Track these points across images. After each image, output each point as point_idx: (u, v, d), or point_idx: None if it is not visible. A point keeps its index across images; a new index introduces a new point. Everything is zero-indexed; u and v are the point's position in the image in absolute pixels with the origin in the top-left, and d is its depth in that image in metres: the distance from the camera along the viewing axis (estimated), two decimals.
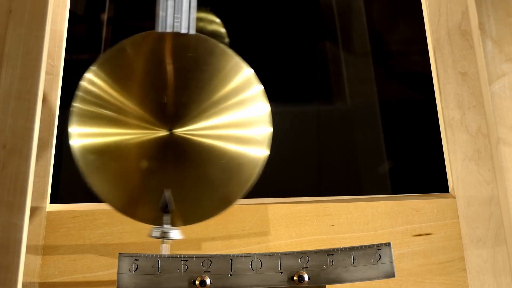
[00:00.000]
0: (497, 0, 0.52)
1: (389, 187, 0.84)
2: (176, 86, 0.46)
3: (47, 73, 0.52)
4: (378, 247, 0.45)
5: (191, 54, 0.46)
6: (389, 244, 0.45)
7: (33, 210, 0.51)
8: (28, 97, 0.46)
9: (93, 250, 0.52)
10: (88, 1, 0.90)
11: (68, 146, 0.79)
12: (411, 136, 0.85)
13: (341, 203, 0.55)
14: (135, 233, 0.52)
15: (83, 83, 0.46)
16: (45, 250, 0.51)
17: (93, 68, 0.46)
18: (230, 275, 0.43)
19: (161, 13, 0.46)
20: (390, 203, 0.55)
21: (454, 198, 0.55)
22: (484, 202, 0.54)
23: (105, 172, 0.45)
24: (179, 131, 0.45)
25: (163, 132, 0.45)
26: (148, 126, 0.45)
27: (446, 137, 0.56)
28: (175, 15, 0.46)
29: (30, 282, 0.50)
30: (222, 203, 0.46)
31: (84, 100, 0.46)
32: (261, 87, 0.47)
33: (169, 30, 0.46)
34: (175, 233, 0.45)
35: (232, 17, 0.90)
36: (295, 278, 0.43)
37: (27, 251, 0.48)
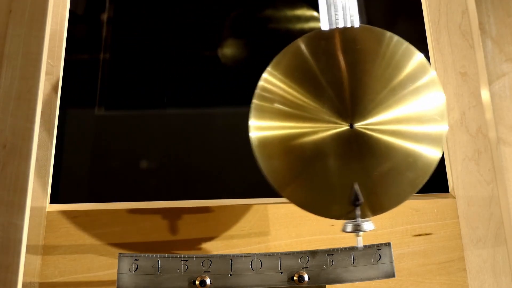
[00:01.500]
0: (497, 0, 0.52)
1: None
2: (351, 80, 0.46)
3: (47, 73, 0.52)
4: (378, 247, 0.45)
5: (360, 46, 0.47)
6: (389, 244, 0.45)
7: (33, 210, 0.51)
8: (28, 97, 0.46)
9: (93, 250, 0.52)
10: (88, 1, 0.90)
11: (68, 146, 0.79)
12: None
13: None
14: (135, 233, 0.52)
15: (262, 83, 0.46)
16: (45, 250, 0.51)
17: (269, 69, 0.47)
18: (230, 275, 0.43)
19: (324, 11, 0.48)
20: None
21: (454, 198, 0.55)
22: (484, 202, 0.54)
23: (287, 169, 0.45)
24: (359, 125, 0.45)
25: (344, 127, 0.45)
26: (329, 119, 0.45)
27: (446, 137, 0.56)
28: (338, 11, 0.47)
29: (30, 282, 0.50)
30: (409, 187, 0.45)
31: (263, 97, 0.46)
32: (434, 73, 0.47)
33: (334, 26, 0.47)
34: (368, 225, 0.44)
35: (239, 17, 0.90)
36: (295, 278, 0.43)
37: (27, 251, 0.48)
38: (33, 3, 0.48)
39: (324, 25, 0.48)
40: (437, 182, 0.59)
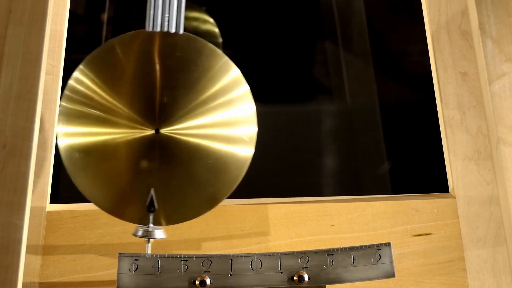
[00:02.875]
0: (497, 0, 0.52)
1: (389, 187, 0.84)
2: (164, 86, 0.46)
3: (47, 73, 0.52)
4: (378, 247, 0.45)
5: (180, 53, 0.46)
6: (389, 244, 0.45)
7: (33, 210, 0.51)
8: (28, 97, 0.46)
9: (93, 250, 0.52)
10: (88, 1, 0.90)
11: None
12: (411, 136, 0.85)
13: (341, 203, 0.55)
14: None
15: (71, 82, 0.46)
16: (45, 250, 0.51)
17: (81, 67, 0.46)
18: (230, 275, 0.43)
19: (150, 12, 0.46)
20: (390, 203, 0.55)
21: (454, 198, 0.55)
22: (484, 202, 0.54)
23: (91, 171, 0.45)
24: (165, 130, 0.45)
25: (150, 131, 0.45)
26: (135, 125, 0.45)
27: (446, 137, 0.56)
28: (164, 14, 0.46)
29: (30, 282, 0.50)
30: (208, 202, 0.46)
31: (71, 99, 0.46)
32: (247, 87, 0.47)
33: (158, 29, 0.46)
34: (159, 233, 0.45)
35: (240, 17, 0.90)
36: (295, 278, 0.43)
37: (27, 251, 0.48)
38: (33, 3, 0.48)
39: (150, 26, 0.46)
40: (437, 182, 0.59)
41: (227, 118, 0.46)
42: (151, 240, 0.45)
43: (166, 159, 0.45)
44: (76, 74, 0.46)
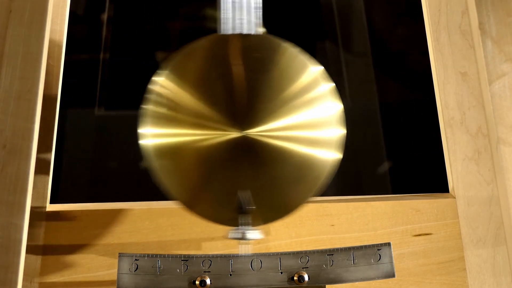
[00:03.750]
0: (497, 0, 0.52)
1: (389, 187, 0.84)
2: (244, 87, 0.46)
3: (47, 73, 0.52)
4: (378, 247, 0.45)
5: (257, 54, 0.47)
6: (389, 244, 0.45)
7: (33, 210, 0.51)
8: (28, 97, 0.46)
9: (93, 250, 0.52)
10: (88, 1, 0.90)
11: (68, 146, 0.79)
12: (411, 136, 0.85)
13: (341, 203, 0.55)
14: (135, 233, 0.52)
15: (153, 86, 0.46)
16: (45, 250, 0.51)
17: (162, 71, 0.46)
18: (230, 275, 0.43)
19: (224, 15, 0.47)
20: (390, 203, 0.55)
21: (454, 198, 0.55)
22: (484, 202, 0.54)
23: (179, 173, 0.45)
24: (251, 132, 0.45)
25: (236, 134, 0.45)
26: (220, 127, 0.45)
27: (446, 137, 0.56)
28: (239, 17, 0.47)
29: (30, 282, 0.50)
30: (293, 202, 0.46)
31: (155, 102, 0.46)
32: (331, 85, 0.47)
33: (233, 31, 0.46)
34: (255, 233, 0.45)
35: None
36: (295, 278, 0.43)
37: (27, 251, 0.48)
38: (33, 3, 0.48)
39: (226, 29, 0.47)
40: (437, 182, 0.59)
41: (310, 119, 0.46)
42: (246, 241, 0.44)
43: (253, 160, 0.45)
44: (159, 78, 0.46)
